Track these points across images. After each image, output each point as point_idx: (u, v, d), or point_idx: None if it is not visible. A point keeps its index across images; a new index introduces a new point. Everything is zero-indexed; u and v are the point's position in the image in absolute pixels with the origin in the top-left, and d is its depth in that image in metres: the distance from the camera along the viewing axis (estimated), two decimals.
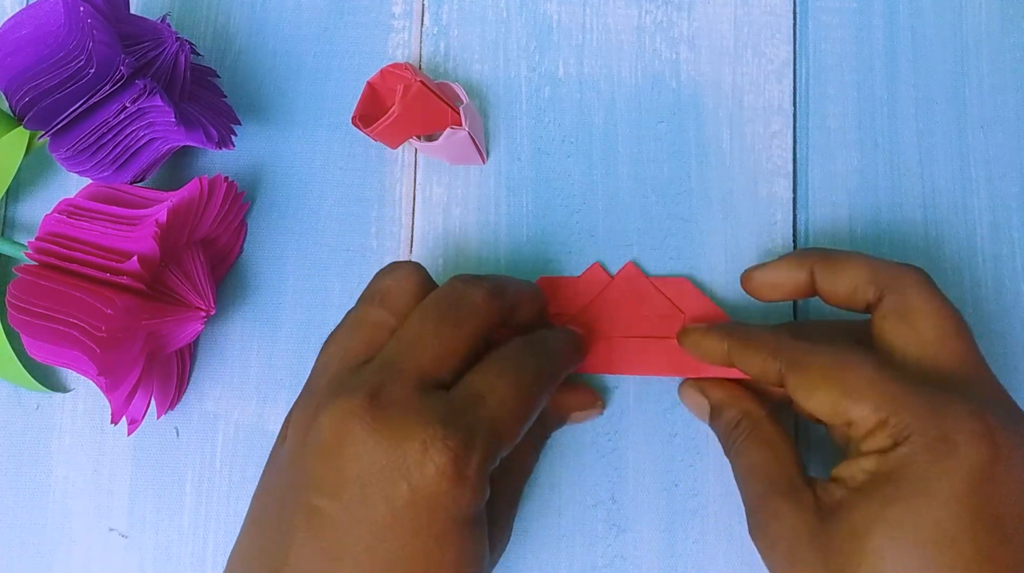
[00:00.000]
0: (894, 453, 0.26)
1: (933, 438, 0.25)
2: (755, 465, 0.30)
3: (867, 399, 0.26)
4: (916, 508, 0.25)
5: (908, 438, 0.26)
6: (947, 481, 0.25)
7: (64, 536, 0.35)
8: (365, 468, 0.26)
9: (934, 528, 0.25)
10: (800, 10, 0.38)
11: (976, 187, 0.36)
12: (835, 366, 0.28)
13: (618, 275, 0.35)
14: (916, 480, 0.25)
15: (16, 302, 0.30)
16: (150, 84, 0.31)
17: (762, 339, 0.30)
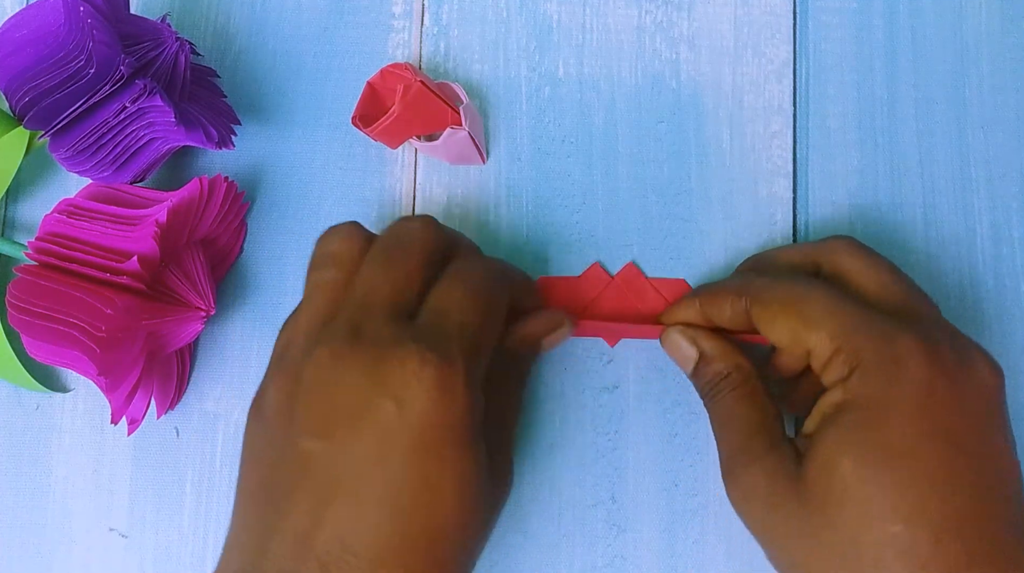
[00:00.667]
0: (851, 380, 0.27)
1: (884, 362, 0.27)
2: (738, 415, 0.30)
3: (823, 327, 0.28)
4: (876, 429, 0.26)
5: (861, 364, 0.27)
6: (901, 400, 0.26)
7: (64, 536, 0.35)
8: (352, 402, 0.26)
9: (895, 447, 0.26)
10: (800, 10, 0.38)
11: (976, 187, 0.36)
12: (793, 298, 0.29)
13: (618, 275, 0.36)
14: (873, 403, 0.27)
15: (16, 302, 0.30)
16: (150, 84, 0.31)
17: (727, 285, 0.32)
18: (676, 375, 0.35)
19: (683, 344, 0.33)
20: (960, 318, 0.35)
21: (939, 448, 0.26)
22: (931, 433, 0.26)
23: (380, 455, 0.26)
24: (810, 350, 0.28)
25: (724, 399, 0.31)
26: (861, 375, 0.27)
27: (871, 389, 0.27)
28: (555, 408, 0.35)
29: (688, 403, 0.35)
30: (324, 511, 0.26)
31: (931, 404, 0.26)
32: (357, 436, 0.26)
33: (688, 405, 0.35)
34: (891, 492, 0.26)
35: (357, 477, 0.26)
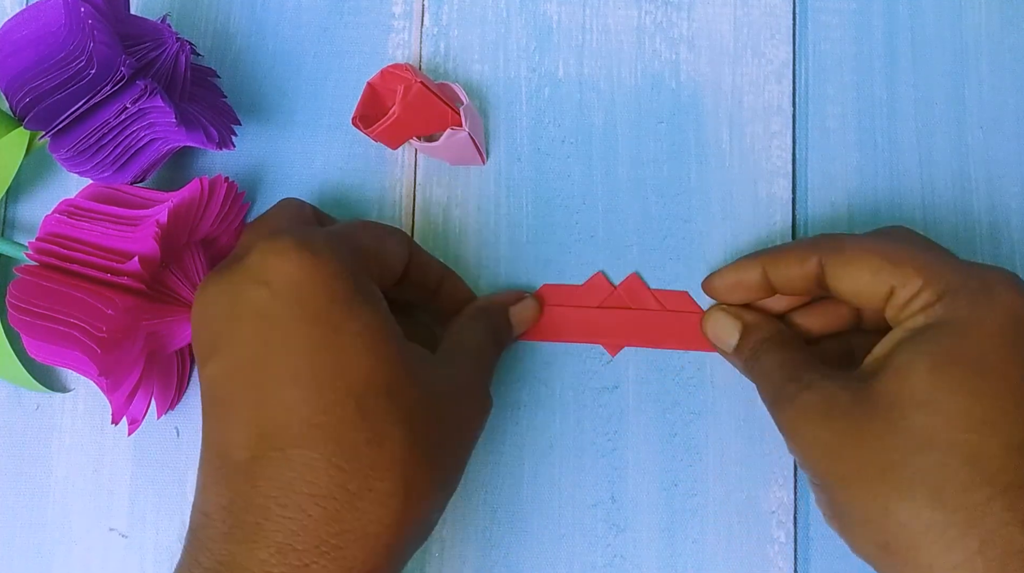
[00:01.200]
0: (936, 306, 0.27)
1: (973, 289, 0.27)
2: (785, 359, 0.30)
3: (910, 263, 0.28)
4: (959, 343, 0.26)
5: (950, 290, 0.27)
6: (987, 320, 0.26)
7: (64, 536, 0.35)
8: (225, 310, 0.26)
9: (978, 359, 0.26)
10: (800, 10, 0.38)
11: (976, 187, 0.36)
12: (875, 243, 0.29)
13: (621, 285, 0.36)
14: (959, 322, 0.26)
15: (16, 302, 0.30)
16: (151, 85, 0.31)
17: (794, 244, 0.32)
18: (676, 375, 0.35)
19: (725, 320, 0.33)
20: None
21: (1021, 367, 0.26)
22: (1014, 353, 0.26)
23: (267, 341, 0.25)
24: (894, 287, 0.28)
25: (768, 355, 0.31)
26: (950, 300, 0.27)
27: (958, 311, 0.27)
28: (555, 408, 0.35)
29: (688, 403, 0.35)
30: (233, 418, 0.25)
31: (1018, 328, 0.26)
32: (239, 336, 0.25)
33: (688, 405, 0.35)
34: (967, 400, 0.25)
35: (253, 371, 0.25)
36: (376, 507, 0.24)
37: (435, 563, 0.34)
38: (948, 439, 0.25)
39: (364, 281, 0.27)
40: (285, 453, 0.24)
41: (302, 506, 0.24)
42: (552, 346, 0.36)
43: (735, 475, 0.34)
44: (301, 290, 0.25)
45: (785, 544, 0.34)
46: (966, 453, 0.25)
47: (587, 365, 0.35)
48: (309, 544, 0.23)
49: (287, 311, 0.25)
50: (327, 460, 0.24)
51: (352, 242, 0.28)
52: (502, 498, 0.35)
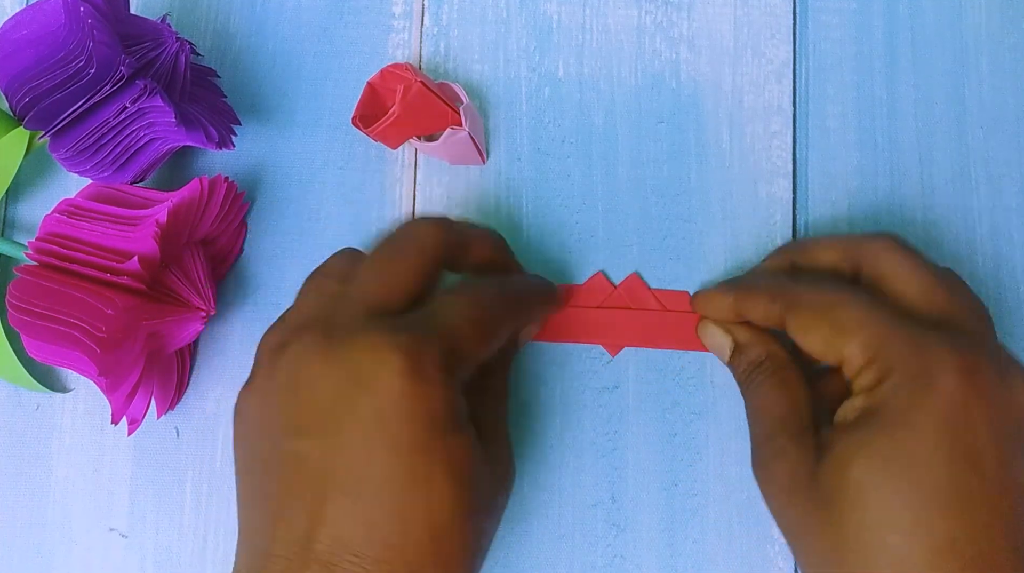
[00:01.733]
0: (879, 389, 0.27)
1: (914, 373, 0.26)
2: (769, 404, 0.30)
3: (856, 337, 0.27)
4: (894, 439, 0.26)
5: (891, 374, 0.27)
6: (925, 413, 0.26)
7: (64, 536, 0.35)
8: (329, 396, 0.26)
9: (910, 458, 0.25)
10: (800, 10, 0.38)
11: (976, 187, 0.36)
12: (828, 305, 0.29)
13: (621, 285, 0.36)
14: (896, 413, 0.26)
15: (16, 302, 0.30)
16: (150, 84, 0.31)
17: (763, 285, 0.32)
18: (676, 375, 0.35)
19: (719, 334, 0.33)
20: None
21: (955, 466, 0.25)
22: (950, 449, 0.25)
23: (366, 449, 0.25)
24: (843, 360, 0.28)
25: (759, 387, 0.31)
26: (890, 385, 0.27)
27: (897, 399, 0.26)
28: (555, 408, 0.35)
29: (688, 403, 0.35)
30: (320, 510, 0.25)
31: (956, 420, 0.25)
32: (339, 430, 0.25)
33: (688, 405, 0.35)
34: (897, 502, 0.25)
35: (348, 473, 0.25)
36: None
37: None
38: (877, 542, 0.25)
39: (459, 403, 0.27)
40: (362, 561, 0.25)
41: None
42: (552, 346, 0.36)
43: (735, 475, 0.34)
44: (403, 412, 0.25)
45: (785, 544, 0.34)
46: (892, 557, 0.25)
47: (587, 365, 0.35)
48: None
49: (387, 430, 0.25)
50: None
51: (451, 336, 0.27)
52: None
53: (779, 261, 0.34)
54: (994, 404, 0.26)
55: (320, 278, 0.30)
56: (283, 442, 0.26)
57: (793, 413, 0.30)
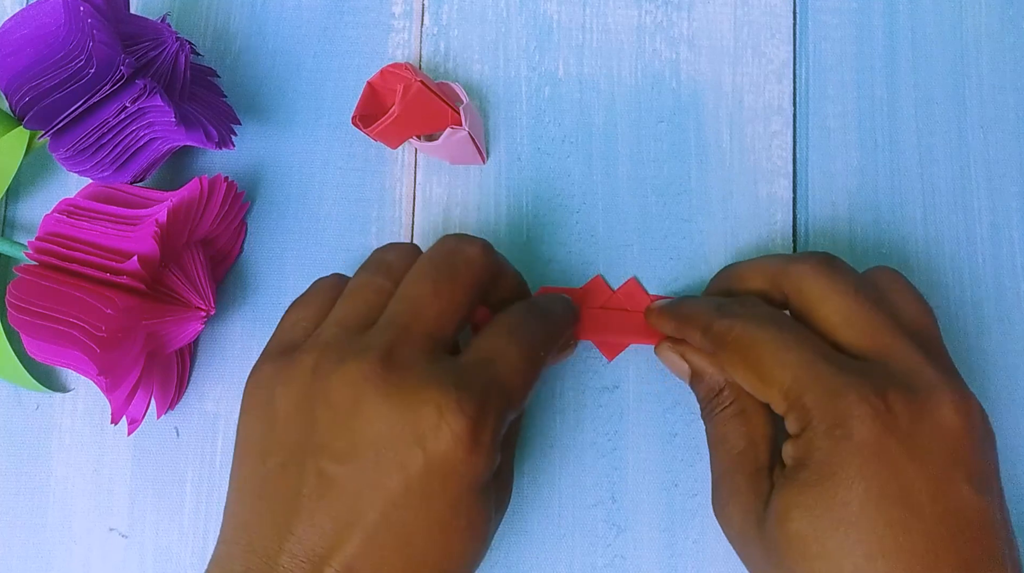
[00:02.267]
0: (802, 438, 0.27)
1: (830, 423, 0.26)
2: (727, 438, 0.30)
3: (775, 385, 0.27)
4: (825, 491, 0.26)
5: (810, 424, 0.26)
6: (847, 464, 0.26)
7: (64, 536, 0.35)
8: (380, 433, 0.25)
9: (844, 509, 0.25)
10: (800, 10, 0.38)
11: (976, 187, 0.36)
12: (749, 345, 0.28)
13: (620, 289, 0.36)
14: (822, 464, 0.26)
15: (16, 302, 0.30)
16: (150, 84, 0.31)
17: (696, 318, 0.31)
18: None
19: (676, 359, 0.33)
20: (960, 318, 0.35)
21: (889, 511, 0.25)
22: (879, 496, 0.25)
23: (401, 494, 0.25)
24: (770, 403, 0.28)
25: (716, 419, 0.31)
26: (809, 436, 0.26)
27: (818, 451, 0.26)
28: (555, 408, 0.35)
29: (688, 403, 0.35)
30: (338, 539, 0.25)
31: (879, 465, 0.25)
32: (380, 471, 0.25)
33: (688, 405, 0.35)
34: (836, 553, 0.25)
35: (374, 511, 0.25)
36: None
37: None
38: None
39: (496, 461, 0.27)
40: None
41: None
42: None
43: None
44: (451, 470, 0.25)
45: None
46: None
47: (587, 365, 0.35)
48: None
49: (428, 483, 0.25)
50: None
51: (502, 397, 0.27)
52: None
53: (717, 286, 0.33)
54: (913, 438, 0.26)
55: (373, 274, 0.29)
56: (317, 458, 0.26)
57: (750, 449, 0.30)
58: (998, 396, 0.35)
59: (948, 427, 0.26)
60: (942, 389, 0.26)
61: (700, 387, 0.32)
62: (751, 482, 0.29)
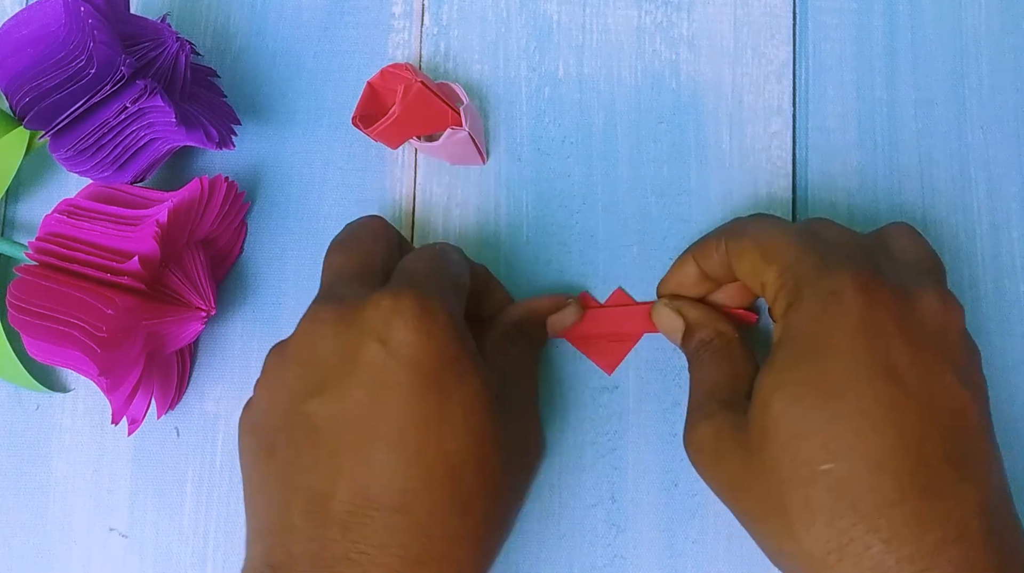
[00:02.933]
0: (789, 315, 0.27)
1: (824, 293, 0.26)
2: (708, 376, 0.31)
3: (776, 261, 0.28)
4: (810, 363, 0.26)
5: (800, 297, 0.27)
6: (837, 333, 0.26)
7: (64, 536, 0.35)
8: (337, 353, 0.26)
9: (830, 380, 0.25)
10: (800, 10, 0.38)
11: (976, 187, 0.36)
12: (762, 234, 0.29)
13: (607, 301, 0.36)
14: (808, 337, 0.26)
15: (16, 302, 0.30)
16: (151, 84, 0.31)
17: (715, 231, 0.32)
18: (676, 375, 0.35)
19: (670, 316, 0.33)
20: None
21: (876, 382, 0.25)
22: (867, 367, 0.25)
23: (379, 398, 0.25)
24: (764, 284, 0.28)
25: (702, 359, 0.31)
26: (800, 308, 0.27)
27: (805, 323, 0.26)
28: (555, 408, 0.35)
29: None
30: (336, 468, 0.25)
31: (869, 337, 0.25)
32: (351, 384, 0.26)
33: None
34: (822, 430, 0.25)
35: (361, 425, 0.25)
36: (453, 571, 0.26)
37: None
38: (812, 473, 0.25)
39: (469, 342, 0.27)
40: (382, 514, 0.25)
41: (391, 565, 0.25)
42: (552, 346, 0.36)
43: None
44: (417, 356, 0.26)
45: None
46: (829, 484, 0.25)
47: (587, 365, 0.35)
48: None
49: (401, 376, 0.26)
50: (419, 527, 0.25)
51: (454, 286, 0.29)
52: None
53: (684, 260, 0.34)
54: (904, 318, 0.26)
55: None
56: (298, 405, 0.26)
57: (728, 382, 0.30)
58: (997, 396, 0.35)
59: (935, 320, 0.26)
60: (931, 288, 0.27)
61: (691, 340, 0.32)
62: (726, 407, 0.29)
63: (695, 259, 0.32)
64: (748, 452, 0.27)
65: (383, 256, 0.31)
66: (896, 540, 0.24)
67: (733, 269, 0.31)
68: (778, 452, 0.26)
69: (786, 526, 0.25)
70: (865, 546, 0.24)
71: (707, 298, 0.34)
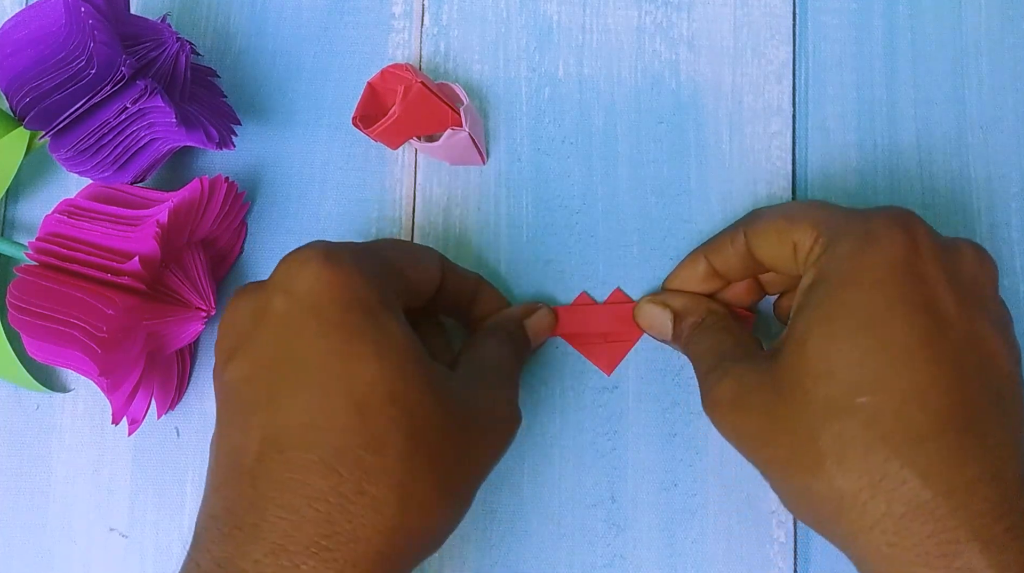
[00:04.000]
0: (825, 256, 0.27)
1: (858, 234, 0.26)
2: (712, 346, 0.31)
3: (806, 220, 0.28)
4: (848, 299, 0.26)
5: (837, 240, 0.27)
6: (875, 269, 0.25)
7: (64, 536, 0.35)
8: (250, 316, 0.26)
9: (865, 313, 0.25)
10: (800, 10, 0.38)
11: (976, 187, 0.36)
12: (785, 207, 0.31)
13: (607, 300, 0.36)
14: (845, 274, 0.26)
15: (16, 302, 0.30)
16: (151, 84, 0.31)
17: (726, 228, 0.33)
18: (676, 375, 0.35)
19: (655, 310, 0.33)
20: None
21: (915, 317, 0.25)
22: (908, 301, 0.25)
23: (285, 347, 0.25)
24: (795, 244, 0.28)
25: (699, 336, 0.31)
26: (834, 248, 0.27)
27: (842, 261, 0.26)
28: (555, 408, 0.35)
29: (688, 403, 0.35)
30: (247, 423, 0.25)
31: (907, 274, 0.25)
32: (259, 340, 0.26)
33: (688, 405, 0.35)
34: (859, 363, 0.25)
35: (269, 376, 0.25)
36: (368, 512, 0.24)
37: (435, 563, 0.34)
38: (846, 406, 0.25)
39: (385, 294, 0.27)
40: (285, 455, 0.24)
41: (297, 507, 0.24)
42: (552, 346, 0.36)
43: (735, 475, 0.34)
44: (320, 299, 0.26)
45: (785, 544, 0.34)
46: (863, 418, 0.24)
47: (587, 365, 0.35)
48: (300, 545, 0.24)
49: (305, 319, 0.25)
50: (323, 462, 0.24)
51: (378, 256, 0.29)
52: (502, 498, 0.35)
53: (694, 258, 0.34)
54: (942, 259, 0.26)
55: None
56: (218, 382, 0.27)
57: (735, 345, 0.30)
58: None
59: (972, 270, 0.26)
60: (968, 241, 0.27)
61: (683, 326, 0.32)
62: (740, 361, 0.29)
63: (706, 256, 0.33)
64: (776, 396, 0.26)
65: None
66: (932, 474, 0.23)
67: (753, 253, 0.31)
68: (812, 388, 0.25)
69: (816, 464, 0.25)
70: (900, 481, 0.24)
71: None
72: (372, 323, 0.26)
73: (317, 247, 0.27)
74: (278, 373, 0.25)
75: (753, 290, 0.33)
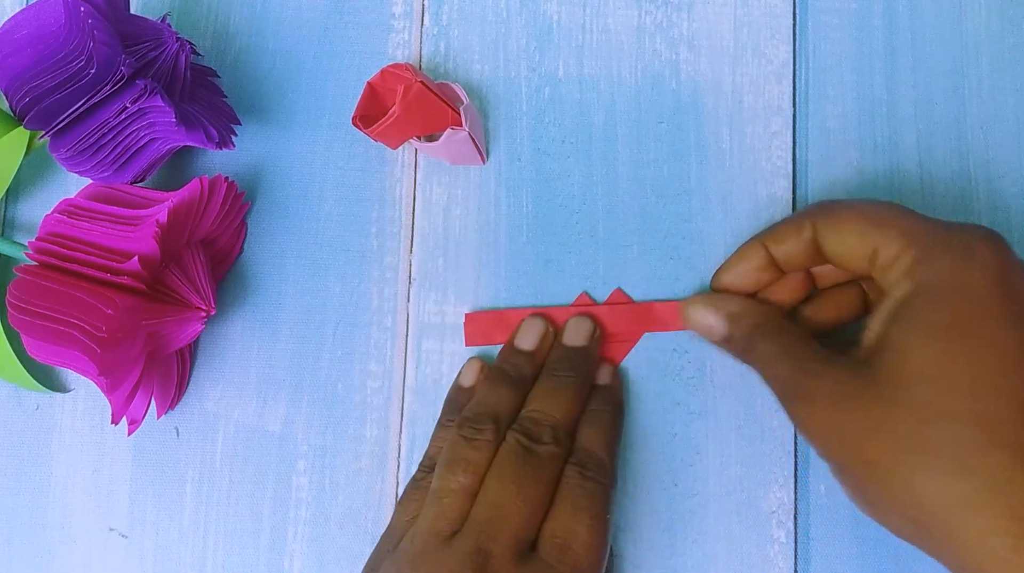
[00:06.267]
0: (920, 269, 0.27)
1: (955, 249, 0.27)
2: (783, 348, 0.30)
3: (892, 226, 0.29)
4: (949, 311, 0.26)
5: (932, 251, 0.27)
6: (973, 282, 0.26)
7: (64, 536, 0.35)
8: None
9: (970, 325, 0.26)
10: (800, 10, 0.38)
11: (976, 187, 0.36)
12: (864, 206, 0.30)
13: (607, 301, 0.36)
14: (944, 286, 0.27)
15: (16, 302, 0.30)
16: (151, 84, 0.31)
17: (790, 216, 0.32)
18: (676, 375, 0.35)
19: (707, 315, 0.32)
20: None
21: (1016, 329, 0.26)
22: (1006, 314, 0.26)
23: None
24: (877, 248, 0.29)
25: (764, 343, 0.31)
26: (932, 262, 0.27)
27: (942, 274, 0.27)
28: None
29: (688, 403, 0.35)
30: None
31: (1005, 286, 0.26)
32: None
33: (688, 405, 0.35)
34: (967, 368, 0.25)
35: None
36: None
37: None
38: (956, 409, 0.25)
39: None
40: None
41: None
42: None
43: (735, 475, 0.34)
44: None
45: (785, 544, 0.34)
46: (976, 420, 0.25)
47: None
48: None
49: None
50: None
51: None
52: None
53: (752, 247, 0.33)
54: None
55: (456, 475, 0.31)
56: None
57: (809, 348, 0.30)
58: None
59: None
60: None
61: (740, 328, 0.32)
62: (830, 362, 0.28)
63: (765, 245, 0.32)
64: (878, 398, 0.26)
65: (545, 509, 0.30)
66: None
67: (822, 246, 0.30)
68: (919, 393, 0.26)
69: (925, 466, 0.25)
70: (1019, 485, 0.24)
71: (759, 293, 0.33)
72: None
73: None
74: None
75: (806, 283, 0.33)
